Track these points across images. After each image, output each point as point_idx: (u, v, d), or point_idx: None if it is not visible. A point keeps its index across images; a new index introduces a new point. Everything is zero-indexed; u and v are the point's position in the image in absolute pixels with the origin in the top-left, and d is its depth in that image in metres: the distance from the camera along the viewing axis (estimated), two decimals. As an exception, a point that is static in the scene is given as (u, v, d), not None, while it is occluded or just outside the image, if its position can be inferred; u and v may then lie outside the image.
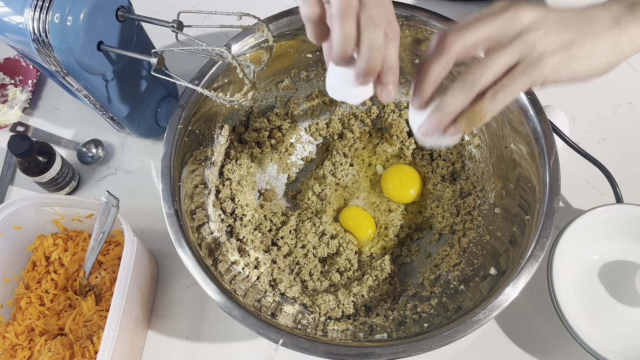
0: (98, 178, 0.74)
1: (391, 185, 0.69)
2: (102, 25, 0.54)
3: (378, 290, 0.62)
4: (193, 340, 0.64)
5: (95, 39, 0.54)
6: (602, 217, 0.62)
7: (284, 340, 0.49)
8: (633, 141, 0.72)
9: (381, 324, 0.58)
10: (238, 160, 0.67)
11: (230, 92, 0.63)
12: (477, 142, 0.67)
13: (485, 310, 0.49)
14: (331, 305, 0.60)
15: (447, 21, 0.61)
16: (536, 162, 0.55)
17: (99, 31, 0.54)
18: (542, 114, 0.55)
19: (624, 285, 0.62)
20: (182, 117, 0.58)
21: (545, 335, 0.63)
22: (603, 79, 0.75)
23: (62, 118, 0.78)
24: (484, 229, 0.63)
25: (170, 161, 0.56)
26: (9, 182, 0.74)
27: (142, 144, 0.76)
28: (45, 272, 0.65)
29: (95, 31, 0.53)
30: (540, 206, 0.53)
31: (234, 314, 0.50)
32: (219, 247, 0.61)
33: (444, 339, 0.49)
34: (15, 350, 0.61)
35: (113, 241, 0.66)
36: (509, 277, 0.51)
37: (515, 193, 0.60)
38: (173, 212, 0.54)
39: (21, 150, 0.63)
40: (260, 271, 0.62)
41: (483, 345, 0.62)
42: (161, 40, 0.68)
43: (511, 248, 0.56)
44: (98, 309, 0.62)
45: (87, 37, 0.52)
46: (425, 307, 0.59)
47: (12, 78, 0.80)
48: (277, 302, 0.60)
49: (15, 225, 0.63)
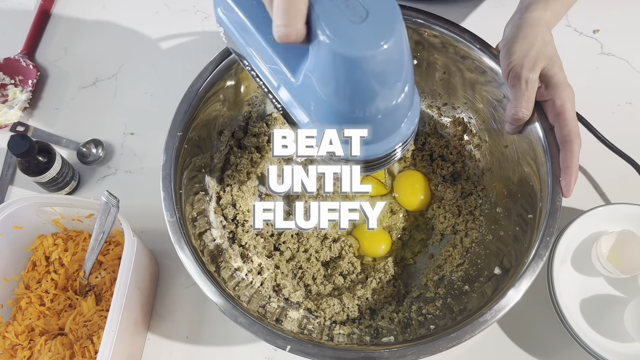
0: (98, 178, 0.74)
1: (403, 192, 0.69)
2: None
3: (382, 292, 0.62)
4: (193, 340, 0.64)
5: None
6: (603, 217, 0.62)
7: (291, 347, 0.49)
8: (633, 141, 0.72)
9: (387, 326, 0.58)
10: (238, 166, 0.66)
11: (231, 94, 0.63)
12: (476, 141, 0.67)
13: (491, 310, 0.49)
14: (336, 309, 0.60)
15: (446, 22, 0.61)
16: (537, 161, 0.55)
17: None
18: (541, 112, 0.55)
19: (625, 286, 0.62)
20: (182, 124, 0.57)
21: (545, 336, 0.63)
22: (603, 79, 0.75)
23: (62, 118, 0.78)
24: (486, 229, 0.63)
25: (171, 169, 0.56)
26: (9, 182, 0.74)
27: (142, 144, 0.76)
28: (45, 272, 0.65)
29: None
30: (543, 205, 0.53)
31: (240, 321, 0.50)
32: (221, 254, 0.61)
33: (451, 340, 0.48)
34: (15, 350, 0.60)
35: (113, 241, 0.66)
36: (513, 276, 0.51)
37: (517, 192, 0.60)
38: (175, 220, 0.53)
39: (21, 150, 0.63)
40: (263, 277, 0.62)
41: (484, 346, 0.62)
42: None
43: (515, 247, 0.56)
44: (98, 308, 0.62)
45: None
46: (430, 308, 0.59)
47: (12, 78, 0.80)
48: (282, 307, 0.60)
49: (15, 225, 0.62)
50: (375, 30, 0.34)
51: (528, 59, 0.51)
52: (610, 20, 0.80)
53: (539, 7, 0.54)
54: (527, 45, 0.52)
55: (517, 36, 0.53)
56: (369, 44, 0.34)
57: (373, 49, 0.34)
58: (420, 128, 0.71)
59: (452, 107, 0.68)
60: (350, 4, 0.35)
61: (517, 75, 0.52)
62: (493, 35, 0.59)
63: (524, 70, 0.51)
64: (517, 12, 0.56)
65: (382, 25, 0.35)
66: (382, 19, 0.35)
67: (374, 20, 0.34)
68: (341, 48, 0.34)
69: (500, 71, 0.55)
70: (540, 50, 0.52)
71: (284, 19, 0.34)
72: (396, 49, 0.35)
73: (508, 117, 0.55)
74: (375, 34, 0.34)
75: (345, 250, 0.65)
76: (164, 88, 0.79)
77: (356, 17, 0.34)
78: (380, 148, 0.41)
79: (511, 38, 0.54)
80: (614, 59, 0.78)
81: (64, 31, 0.85)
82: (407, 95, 0.39)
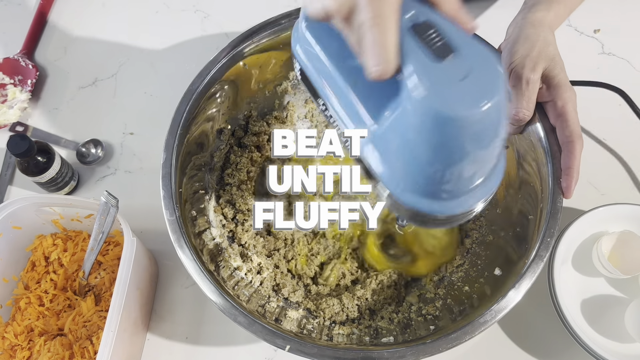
0: (97, 178, 0.74)
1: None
2: None
3: (382, 293, 0.62)
4: (193, 340, 0.64)
5: None
6: (603, 218, 0.62)
7: (290, 347, 0.48)
8: (633, 141, 0.72)
9: (386, 327, 0.58)
10: (238, 165, 0.66)
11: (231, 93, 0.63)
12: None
13: (492, 311, 0.49)
14: (335, 309, 0.60)
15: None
16: (538, 162, 0.55)
17: None
18: (542, 112, 0.55)
19: (626, 286, 0.62)
20: (181, 122, 0.58)
21: (546, 336, 0.62)
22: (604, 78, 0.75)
23: (61, 118, 0.78)
24: (486, 229, 0.63)
25: (171, 167, 0.56)
26: (8, 182, 0.74)
27: (141, 144, 0.76)
28: (44, 272, 0.65)
29: None
30: (544, 205, 0.53)
31: (239, 320, 0.49)
32: (221, 253, 0.60)
33: (451, 341, 0.48)
34: (15, 350, 0.60)
35: (112, 241, 0.66)
36: (514, 277, 0.51)
37: (518, 193, 0.59)
38: (175, 219, 0.53)
39: (20, 150, 0.63)
40: (263, 276, 0.62)
41: (484, 347, 0.62)
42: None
43: (515, 248, 0.56)
44: (97, 309, 0.62)
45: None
46: (430, 309, 0.59)
47: (11, 78, 0.80)
48: (281, 307, 0.60)
49: (14, 225, 0.62)
50: (476, 90, 0.32)
51: (529, 59, 0.51)
52: (611, 20, 0.80)
53: (542, 8, 0.54)
54: (528, 45, 0.52)
55: (519, 37, 0.53)
56: (469, 104, 0.32)
57: (472, 109, 0.32)
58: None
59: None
60: (446, 54, 0.33)
61: (518, 75, 0.52)
62: (496, 35, 0.59)
63: (525, 70, 0.51)
64: (520, 13, 0.56)
65: (484, 85, 0.33)
66: (484, 78, 0.33)
67: (475, 79, 0.33)
68: (439, 105, 0.32)
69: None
70: (542, 51, 0.52)
71: (378, 58, 0.33)
72: (495, 110, 0.33)
73: (509, 117, 0.55)
74: (477, 94, 0.32)
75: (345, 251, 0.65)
76: (163, 88, 0.79)
77: (457, 73, 0.33)
78: (456, 207, 0.38)
79: (513, 38, 0.54)
80: (615, 59, 0.78)
81: (64, 31, 0.85)
82: (497, 155, 0.37)
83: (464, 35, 0.35)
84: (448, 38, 0.34)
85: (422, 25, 0.34)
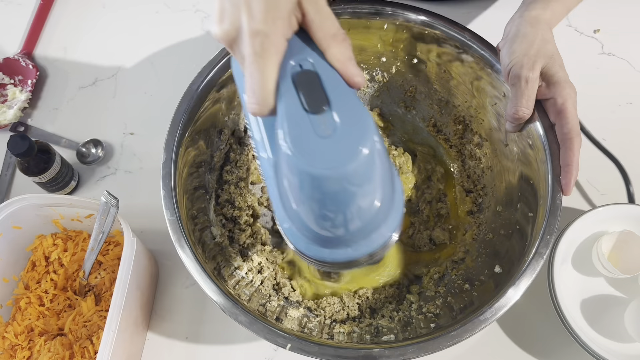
0: (98, 178, 0.74)
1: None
2: None
3: (383, 291, 0.62)
4: (193, 340, 0.64)
5: None
6: (603, 218, 0.62)
7: (291, 345, 0.48)
8: (633, 141, 0.72)
9: (387, 325, 0.58)
10: (237, 162, 0.66)
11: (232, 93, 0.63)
12: (476, 140, 0.67)
13: (492, 308, 0.49)
14: (336, 307, 0.60)
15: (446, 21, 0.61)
16: (538, 159, 0.55)
17: None
18: (541, 110, 0.55)
19: (625, 286, 0.62)
20: (181, 122, 0.58)
21: (545, 335, 0.62)
22: (603, 78, 0.75)
23: (61, 118, 0.78)
24: (486, 227, 0.63)
25: (171, 167, 0.55)
26: (8, 182, 0.74)
27: (141, 144, 0.76)
28: (44, 272, 0.65)
29: None
30: (544, 203, 0.53)
31: (240, 319, 0.49)
32: (221, 252, 0.60)
33: (452, 338, 0.48)
34: (15, 350, 0.60)
35: (113, 241, 0.66)
36: (514, 274, 0.51)
37: (517, 190, 0.59)
38: (175, 218, 0.53)
39: (21, 150, 0.63)
40: (263, 275, 0.62)
41: (484, 345, 0.62)
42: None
43: (515, 245, 0.56)
44: (98, 309, 0.62)
45: None
46: (430, 307, 0.59)
47: (11, 78, 0.80)
48: (282, 306, 0.60)
49: (14, 225, 0.62)
50: (341, 147, 0.32)
51: (527, 58, 0.51)
52: (611, 20, 0.80)
53: (539, 7, 0.54)
54: (526, 44, 0.52)
55: (517, 35, 0.53)
56: (330, 162, 0.32)
57: (333, 168, 0.32)
58: (420, 126, 0.71)
59: (453, 105, 0.68)
60: (318, 107, 0.32)
61: (517, 74, 0.52)
62: (494, 34, 0.59)
63: (524, 69, 0.51)
64: (517, 11, 0.56)
65: (350, 142, 0.32)
66: (352, 135, 0.32)
67: (342, 136, 0.32)
68: (301, 162, 0.32)
69: (501, 70, 0.56)
70: (540, 48, 0.52)
71: (255, 97, 0.33)
72: (363, 167, 0.32)
73: (508, 116, 0.55)
74: (341, 151, 0.32)
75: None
76: (163, 88, 0.79)
77: (325, 128, 0.32)
78: (346, 254, 0.38)
79: (511, 37, 0.54)
80: (615, 59, 0.78)
81: (64, 31, 0.85)
82: (380, 209, 0.36)
83: (344, 89, 0.34)
84: (327, 90, 0.34)
85: (305, 73, 0.34)
